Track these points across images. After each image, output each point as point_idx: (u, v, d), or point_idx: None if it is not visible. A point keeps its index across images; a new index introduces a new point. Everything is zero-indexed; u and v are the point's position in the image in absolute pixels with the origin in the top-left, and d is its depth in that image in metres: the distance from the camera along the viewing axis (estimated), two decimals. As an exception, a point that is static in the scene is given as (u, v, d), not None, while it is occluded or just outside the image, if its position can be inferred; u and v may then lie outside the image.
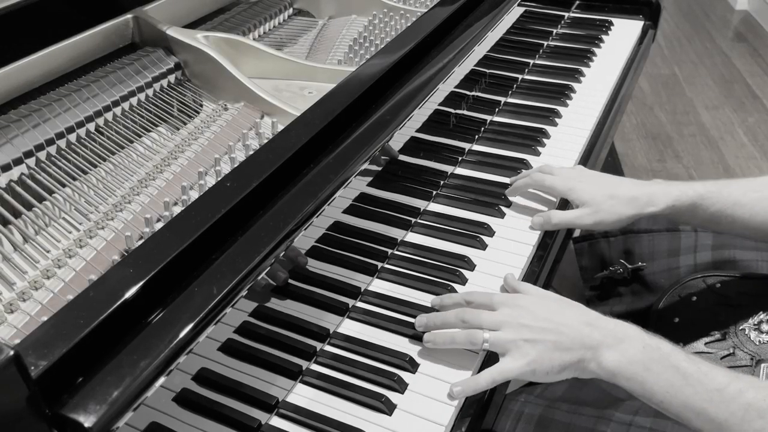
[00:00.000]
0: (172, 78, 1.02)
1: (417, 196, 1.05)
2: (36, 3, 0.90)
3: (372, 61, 0.97)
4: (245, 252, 0.69)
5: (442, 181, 1.10)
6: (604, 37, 1.54)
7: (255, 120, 0.98)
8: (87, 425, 0.52)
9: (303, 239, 0.78)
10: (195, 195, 0.83)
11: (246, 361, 0.74)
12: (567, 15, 1.62)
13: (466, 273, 0.94)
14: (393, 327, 0.86)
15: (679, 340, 0.98)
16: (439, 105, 1.07)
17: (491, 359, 0.80)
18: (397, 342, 0.84)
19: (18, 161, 0.82)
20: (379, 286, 0.92)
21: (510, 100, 1.33)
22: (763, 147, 2.65)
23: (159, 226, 0.77)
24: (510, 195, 1.06)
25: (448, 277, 0.93)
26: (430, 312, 0.85)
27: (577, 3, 1.65)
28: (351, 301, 0.88)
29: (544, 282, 0.98)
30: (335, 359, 0.81)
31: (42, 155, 0.85)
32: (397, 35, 1.08)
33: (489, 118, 1.27)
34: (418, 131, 1.01)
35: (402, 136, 0.96)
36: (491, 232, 1.01)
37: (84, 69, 0.98)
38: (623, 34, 1.57)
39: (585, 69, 1.43)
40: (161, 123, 0.97)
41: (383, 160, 0.93)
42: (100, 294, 0.60)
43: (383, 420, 0.76)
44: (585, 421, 0.88)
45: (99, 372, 0.56)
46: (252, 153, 0.81)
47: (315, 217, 0.78)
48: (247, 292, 0.69)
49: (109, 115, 0.93)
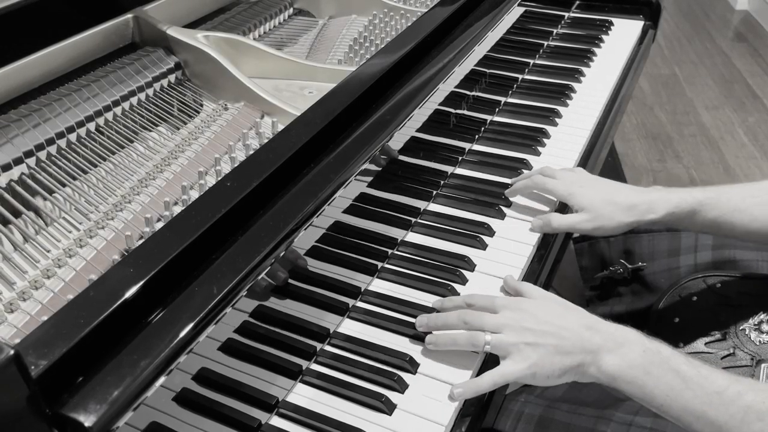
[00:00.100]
0: (172, 78, 1.02)
1: (417, 195, 1.05)
2: (36, 3, 0.90)
3: (372, 61, 0.97)
4: (245, 252, 0.69)
5: (442, 181, 1.10)
6: (604, 37, 1.54)
7: (255, 120, 0.98)
8: (87, 425, 0.52)
9: (303, 239, 0.78)
10: (195, 195, 0.84)
11: (246, 361, 0.74)
12: (567, 15, 1.62)
13: (466, 273, 0.94)
14: (393, 327, 0.86)
15: (680, 340, 0.98)
16: (440, 105, 1.07)
17: (491, 359, 0.80)
18: (398, 342, 0.84)
19: (18, 161, 0.82)
20: (380, 285, 0.92)
21: (510, 100, 1.33)
22: (764, 147, 2.65)
23: (159, 225, 0.77)
24: (510, 196, 1.06)
25: (448, 277, 0.93)
26: (430, 312, 0.85)
27: (577, 3, 1.65)
28: (351, 301, 0.88)
29: (544, 282, 0.98)
30: (335, 359, 0.81)
31: (42, 155, 0.85)
32: (398, 35, 1.08)
33: (489, 117, 1.27)
34: (418, 131, 1.01)
35: (402, 135, 0.96)
36: (491, 231, 1.01)
37: (84, 69, 0.98)
38: (623, 34, 1.57)
39: (585, 69, 1.43)
40: (161, 123, 0.97)
41: (383, 159, 0.93)
42: (100, 293, 0.60)
43: (383, 420, 0.76)
44: (585, 421, 0.88)
45: (99, 372, 0.56)
46: (252, 153, 0.81)
47: (315, 217, 0.78)
48: (248, 291, 0.69)
49: (110, 115, 0.93)
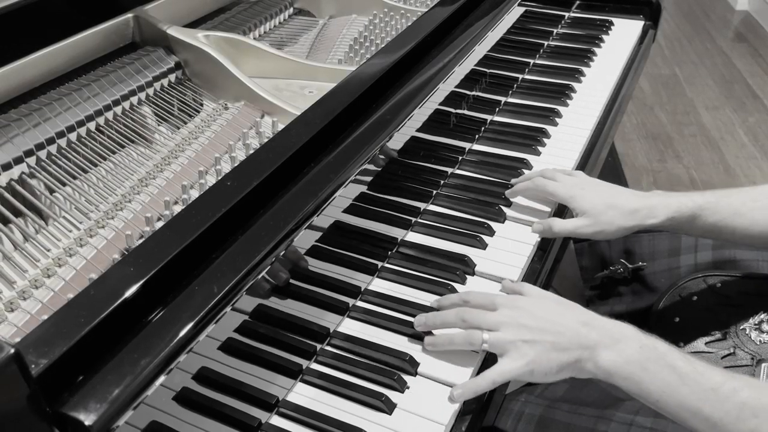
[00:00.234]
0: (172, 77, 1.02)
1: (417, 195, 1.05)
2: (37, 2, 0.90)
3: (372, 61, 0.97)
4: (246, 251, 0.69)
5: (442, 181, 1.10)
6: (604, 37, 1.54)
7: (255, 119, 0.98)
8: (87, 423, 0.52)
9: (303, 238, 0.78)
10: (195, 194, 0.84)
11: (246, 360, 0.74)
12: (567, 15, 1.62)
13: (466, 273, 0.94)
14: (393, 326, 0.86)
15: (680, 339, 0.98)
16: (440, 104, 1.07)
17: (491, 358, 0.80)
18: (398, 341, 0.84)
19: (18, 160, 0.82)
20: (380, 285, 0.92)
21: (510, 99, 1.33)
22: (764, 147, 2.65)
23: (159, 224, 0.77)
24: (510, 197, 1.06)
25: (448, 277, 0.93)
26: (430, 312, 0.85)
27: (578, 3, 1.65)
28: (351, 301, 0.88)
29: (544, 282, 0.98)
30: (335, 358, 0.81)
31: (42, 154, 0.85)
32: (398, 35, 1.08)
33: (489, 117, 1.27)
34: (418, 131, 1.01)
35: (402, 135, 0.96)
36: (491, 231, 1.01)
37: (84, 68, 0.98)
38: (623, 34, 1.57)
39: (585, 69, 1.43)
40: (162, 122, 0.97)
41: (383, 159, 0.93)
42: (100, 293, 0.60)
43: (383, 419, 0.76)
44: (585, 421, 0.88)
45: (100, 370, 0.56)
46: (252, 152, 0.81)
47: (315, 217, 0.78)
48: (248, 291, 0.69)
49: (110, 114, 0.93)
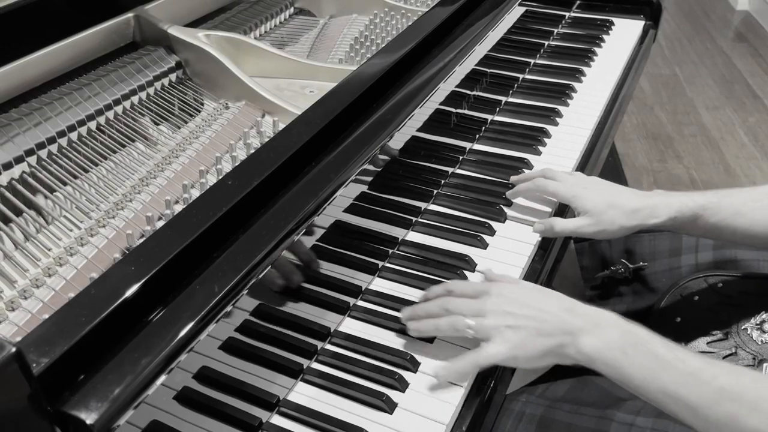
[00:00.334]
0: (173, 77, 1.02)
1: (418, 195, 1.05)
2: (37, 2, 0.90)
3: (373, 60, 0.97)
4: (246, 250, 0.69)
5: (443, 180, 1.10)
6: (605, 37, 1.54)
7: (256, 119, 0.97)
8: (89, 422, 0.52)
9: (304, 238, 0.78)
10: (196, 193, 0.83)
11: (247, 360, 0.74)
12: (568, 15, 1.62)
13: (467, 272, 0.94)
14: (394, 326, 0.86)
15: (681, 339, 0.98)
16: (440, 104, 1.07)
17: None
18: (398, 341, 0.84)
19: (19, 159, 0.82)
20: (380, 285, 0.92)
21: (511, 99, 1.33)
22: (764, 147, 2.65)
23: (160, 224, 0.77)
24: (511, 197, 1.06)
25: (449, 276, 0.93)
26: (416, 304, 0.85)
27: (578, 3, 1.65)
28: (352, 300, 0.88)
29: (544, 281, 0.98)
30: (336, 358, 0.81)
31: (43, 153, 0.85)
32: (398, 34, 1.08)
33: (490, 117, 1.27)
34: (419, 130, 1.01)
35: (403, 135, 0.96)
36: (492, 231, 1.01)
37: (85, 68, 0.98)
38: (624, 33, 1.57)
39: (586, 69, 1.43)
40: (162, 122, 0.97)
41: (384, 159, 0.93)
42: (101, 292, 0.60)
43: (384, 418, 0.76)
44: (586, 422, 0.87)
45: (101, 370, 0.56)
46: (253, 152, 0.81)
47: (316, 216, 0.78)
48: (248, 290, 0.69)
49: (111, 114, 0.93)
